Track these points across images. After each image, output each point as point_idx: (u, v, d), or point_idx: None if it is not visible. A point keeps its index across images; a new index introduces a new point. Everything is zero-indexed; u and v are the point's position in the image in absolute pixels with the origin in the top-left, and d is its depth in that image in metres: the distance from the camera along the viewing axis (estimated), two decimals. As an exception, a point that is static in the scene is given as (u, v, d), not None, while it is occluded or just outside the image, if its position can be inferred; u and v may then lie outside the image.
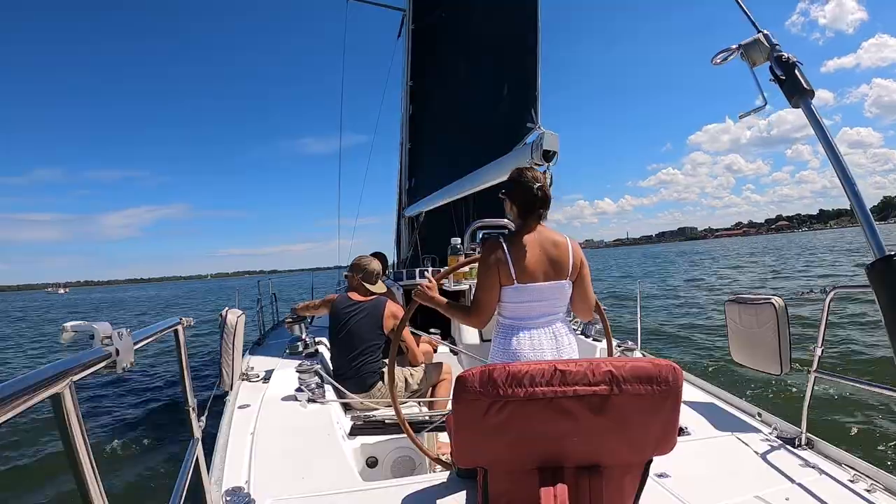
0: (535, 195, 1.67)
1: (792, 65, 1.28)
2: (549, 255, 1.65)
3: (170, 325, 1.32)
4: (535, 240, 1.66)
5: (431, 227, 6.25)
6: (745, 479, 1.74)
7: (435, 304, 1.81)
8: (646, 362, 1.20)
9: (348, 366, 2.80)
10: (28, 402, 0.60)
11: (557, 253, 1.66)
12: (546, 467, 1.23)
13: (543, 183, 1.70)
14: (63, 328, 0.87)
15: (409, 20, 6.79)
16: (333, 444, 2.03)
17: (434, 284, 1.85)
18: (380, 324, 2.88)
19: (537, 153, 2.23)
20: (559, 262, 1.66)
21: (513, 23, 5.34)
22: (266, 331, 4.87)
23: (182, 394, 1.46)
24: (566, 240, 1.70)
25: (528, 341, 1.65)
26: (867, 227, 1.17)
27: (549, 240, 1.68)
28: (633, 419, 1.20)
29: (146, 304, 37.10)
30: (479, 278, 1.69)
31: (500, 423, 1.17)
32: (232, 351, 2.62)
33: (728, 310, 2.44)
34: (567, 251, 1.68)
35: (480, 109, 5.64)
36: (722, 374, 5.70)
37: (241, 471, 1.80)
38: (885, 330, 1.13)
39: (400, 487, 1.69)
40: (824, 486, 1.67)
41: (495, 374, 1.16)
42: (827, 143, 1.25)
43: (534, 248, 1.64)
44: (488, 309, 1.68)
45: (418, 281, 4.55)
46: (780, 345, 2.08)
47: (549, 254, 1.65)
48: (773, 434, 2.08)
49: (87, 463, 0.74)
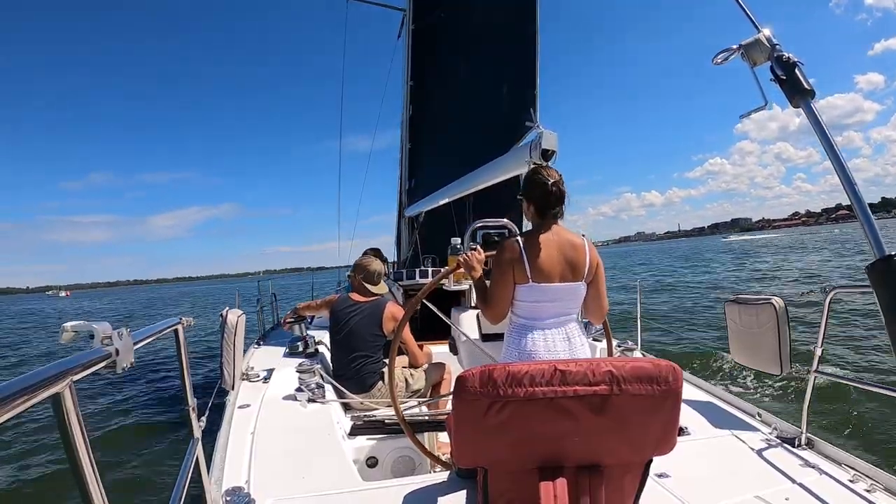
0: (550, 193, 1.68)
1: (792, 65, 1.28)
2: (566, 256, 1.65)
3: (170, 325, 1.32)
4: (553, 240, 1.66)
5: (431, 227, 6.26)
6: (745, 479, 1.74)
7: (474, 274, 1.81)
8: (646, 362, 1.20)
9: (348, 366, 2.80)
10: (28, 402, 0.60)
11: (574, 254, 1.66)
12: (546, 467, 1.23)
13: (558, 180, 1.70)
14: (63, 328, 0.87)
15: (409, 20, 6.80)
16: (333, 444, 2.03)
17: (483, 256, 1.84)
18: (379, 325, 2.88)
19: (536, 152, 2.23)
20: (576, 264, 1.66)
21: (512, 23, 5.35)
22: (266, 331, 4.87)
23: (182, 394, 1.46)
24: (583, 241, 1.70)
25: (542, 342, 1.65)
26: (867, 226, 1.17)
27: (566, 241, 1.68)
28: (633, 419, 1.20)
29: (188, 300, 37.07)
30: (493, 276, 1.70)
31: (500, 422, 1.17)
32: (232, 351, 2.62)
33: (728, 310, 2.44)
34: (584, 253, 1.68)
35: (480, 109, 5.64)
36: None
37: (241, 471, 1.80)
38: (886, 330, 1.13)
39: (400, 487, 1.69)
40: (824, 486, 1.67)
41: (495, 373, 1.16)
42: (827, 142, 1.25)
43: (550, 249, 1.64)
44: (502, 304, 1.68)
45: (418, 280, 4.55)
46: (780, 345, 2.08)
47: (566, 255, 1.65)
48: (773, 434, 2.08)
49: (87, 463, 0.73)
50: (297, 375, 2.65)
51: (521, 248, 1.63)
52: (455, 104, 6.11)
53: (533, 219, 1.75)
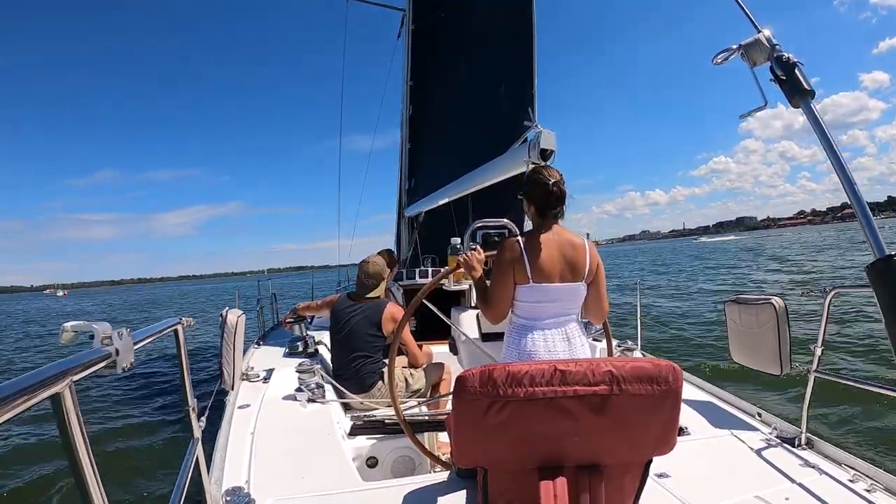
0: (551, 193, 1.68)
1: (792, 65, 1.28)
2: (567, 256, 1.66)
3: (170, 325, 1.32)
4: (553, 240, 1.66)
5: (431, 227, 6.26)
6: (744, 479, 1.74)
7: (474, 274, 1.82)
8: (646, 362, 1.20)
9: (348, 367, 2.80)
10: (28, 402, 0.60)
11: (574, 254, 1.67)
12: (546, 467, 1.23)
13: (559, 180, 1.71)
14: (63, 328, 0.87)
15: (409, 20, 6.80)
16: (333, 444, 2.04)
17: (483, 256, 1.85)
18: (379, 325, 2.88)
19: (535, 152, 2.24)
20: (576, 264, 1.66)
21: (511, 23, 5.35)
22: (266, 331, 4.87)
23: (182, 394, 1.46)
24: (583, 241, 1.71)
25: (542, 342, 1.65)
26: (867, 226, 1.17)
27: (566, 241, 1.68)
28: (633, 419, 1.20)
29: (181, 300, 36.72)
30: (493, 276, 1.70)
31: (500, 422, 1.17)
32: (232, 351, 2.62)
33: (728, 310, 2.44)
34: (584, 253, 1.68)
35: (479, 109, 5.64)
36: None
37: (241, 471, 1.80)
38: (886, 330, 1.13)
39: (400, 487, 1.69)
40: (824, 486, 1.67)
41: (495, 373, 1.16)
42: (827, 143, 1.25)
43: (551, 249, 1.65)
44: (503, 304, 1.69)
45: (418, 280, 4.55)
46: (780, 345, 2.08)
47: (566, 255, 1.66)
48: (773, 434, 2.08)
49: (87, 463, 0.73)
50: (296, 375, 2.65)
51: (522, 248, 1.63)
52: (455, 104, 6.11)
53: (534, 219, 1.76)
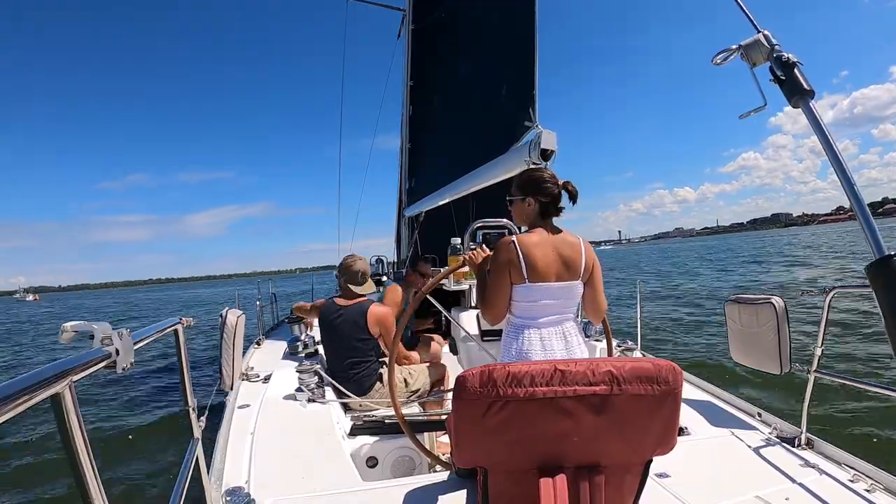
0: (552, 193, 1.69)
1: (792, 65, 1.28)
2: (562, 255, 1.66)
3: (170, 325, 1.32)
4: (548, 239, 1.66)
5: (431, 227, 6.26)
6: (745, 478, 1.74)
7: (478, 271, 1.83)
8: (646, 362, 1.20)
9: (345, 371, 2.78)
10: (28, 402, 0.60)
11: (570, 253, 1.66)
12: (546, 467, 1.23)
13: (558, 181, 1.71)
14: (63, 328, 0.87)
15: (409, 20, 6.80)
16: (333, 444, 2.03)
17: (487, 254, 1.85)
18: (365, 328, 2.81)
19: (535, 152, 2.23)
20: (571, 262, 1.66)
21: (512, 23, 5.35)
22: (266, 331, 4.87)
23: (182, 394, 1.46)
24: (579, 240, 1.71)
25: (538, 341, 1.65)
26: (867, 226, 1.17)
27: (562, 240, 1.68)
28: (633, 419, 1.20)
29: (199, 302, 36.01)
30: (490, 276, 1.70)
31: (500, 423, 1.17)
32: (232, 351, 2.62)
33: (728, 310, 2.44)
34: (580, 251, 1.68)
35: (480, 109, 5.64)
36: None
37: (241, 471, 1.80)
38: (885, 330, 1.13)
39: (400, 487, 1.69)
40: (824, 486, 1.67)
41: (495, 374, 1.16)
42: (827, 142, 1.25)
43: (546, 248, 1.64)
44: (500, 305, 1.68)
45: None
46: (780, 345, 2.08)
47: (561, 254, 1.66)
48: (773, 434, 2.08)
49: (86, 463, 0.73)
50: (296, 376, 2.65)
51: (517, 248, 1.63)
52: (455, 104, 6.11)
53: (533, 218, 1.75)
